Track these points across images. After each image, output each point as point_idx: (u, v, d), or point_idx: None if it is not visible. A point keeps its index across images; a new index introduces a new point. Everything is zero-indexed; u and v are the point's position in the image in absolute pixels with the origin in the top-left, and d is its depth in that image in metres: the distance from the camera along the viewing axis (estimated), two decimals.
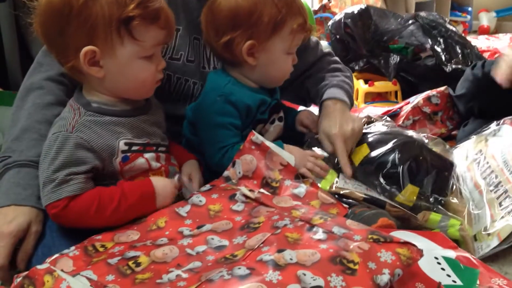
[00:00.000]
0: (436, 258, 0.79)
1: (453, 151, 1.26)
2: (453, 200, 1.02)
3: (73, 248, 0.76)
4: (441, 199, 1.00)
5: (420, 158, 1.03)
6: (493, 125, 1.25)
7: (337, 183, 0.97)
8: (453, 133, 1.65)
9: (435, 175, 1.02)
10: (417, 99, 1.68)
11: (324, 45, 1.98)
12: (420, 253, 0.71)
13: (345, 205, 0.92)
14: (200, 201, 0.87)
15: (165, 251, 0.74)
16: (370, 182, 1.01)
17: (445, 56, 2.03)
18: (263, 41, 0.98)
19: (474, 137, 1.27)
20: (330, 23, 2.25)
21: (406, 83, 2.05)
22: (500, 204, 1.00)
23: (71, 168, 0.79)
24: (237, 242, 0.76)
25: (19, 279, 0.69)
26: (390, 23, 2.20)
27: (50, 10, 0.79)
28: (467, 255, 0.83)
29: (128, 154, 0.85)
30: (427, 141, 1.16)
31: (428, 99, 1.66)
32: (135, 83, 0.85)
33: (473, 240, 0.96)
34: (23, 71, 1.97)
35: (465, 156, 1.22)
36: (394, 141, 1.05)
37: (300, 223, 0.76)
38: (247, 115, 1.01)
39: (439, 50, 2.04)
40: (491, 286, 0.76)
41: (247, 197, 0.87)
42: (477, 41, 2.66)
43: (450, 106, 1.67)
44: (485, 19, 3.80)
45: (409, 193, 0.99)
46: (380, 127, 1.17)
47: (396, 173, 1.00)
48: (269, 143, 0.95)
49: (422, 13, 2.21)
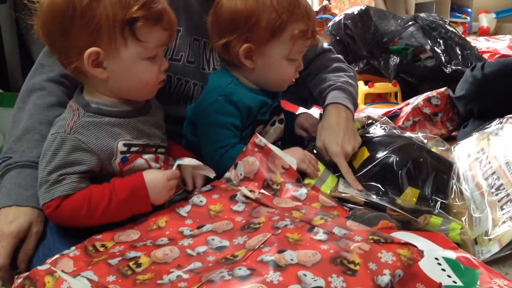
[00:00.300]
0: (436, 258, 0.79)
1: (455, 148, 1.26)
2: (454, 202, 1.02)
3: (73, 248, 0.76)
4: (441, 201, 1.00)
5: (419, 160, 1.02)
6: (496, 123, 1.24)
7: (338, 188, 0.97)
8: (453, 134, 1.65)
9: (435, 177, 1.02)
10: (417, 100, 1.68)
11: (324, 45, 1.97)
12: (420, 253, 0.71)
13: (346, 208, 0.92)
14: (200, 201, 0.87)
15: (166, 252, 0.74)
16: (370, 185, 1.00)
17: (445, 57, 2.03)
18: (261, 45, 0.97)
19: (476, 134, 1.26)
20: (330, 24, 2.26)
21: (406, 84, 2.05)
22: (501, 208, 1.00)
23: (67, 169, 0.79)
24: (238, 242, 0.76)
25: (19, 280, 0.69)
26: (390, 24, 2.20)
27: (52, 11, 0.79)
28: (468, 255, 0.83)
29: (127, 155, 0.84)
30: (426, 141, 1.15)
31: (428, 100, 1.66)
32: (139, 84, 0.85)
33: (473, 243, 0.96)
34: (23, 72, 1.97)
35: (467, 154, 1.21)
36: (393, 144, 1.04)
37: (300, 224, 0.76)
38: (247, 116, 1.01)
39: (439, 51, 2.04)
40: (492, 286, 0.76)
41: (247, 197, 0.87)
42: (477, 42, 2.66)
43: (450, 107, 1.67)
44: (484, 20, 3.81)
45: (409, 196, 0.98)
46: (379, 129, 1.17)
47: (395, 176, 0.99)
48: (272, 146, 0.95)
49: (422, 15, 2.21)
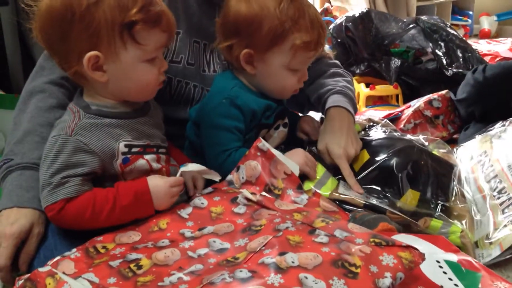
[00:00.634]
0: (438, 261, 0.79)
1: (457, 150, 1.25)
2: (455, 204, 1.01)
3: (74, 250, 0.76)
4: (442, 204, 1.00)
5: (420, 163, 1.02)
6: (498, 125, 1.24)
7: (338, 190, 0.97)
8: (454, 136, 1.65)
9: (435, 179, 1.01)
10: (418, 103, 1.68)
11: (325, 48, 1.98)
12: (422, 256, 0.71)
13: (347, 213, 0.91)
14: (202, 203, 0.87)
15: (167, 254, 0.74)
16: (370, 188, 1.00)
17: (446, 60, 2.03)
18: (261, 52, 0.97)
19: (479, 137, 1.26)
20: (331, 26, 2.26)
21: (407, 87, 2.05)
22: (503, 211, 0.99)
23: (69, 171, 0.79)
24: (239, 244, 0.76)
25: (21, 282, 0.69)
26: (391, 27, 2.20)
27: (51, 15, 0.79)
28: (469, 258, 0.82)
29: (128, 156, 0.84)
30: (427, 143, 1.15)
31: (429, 103, 1.66)
32: (139, 86, 0.85)
33: (474, 246, 0.96)
34: (25, 74, 1.97)
35: (470, 156, 1.20)
36: (393, 147, 1.04)
37: (302, 226, 0.76)
38: (251, 119, 1.01)
39: (440, 54, 2.04)
40: None
41: (249, 199, 0.87)
42: (478, 45, 2.66)
43: (451, 109, 1.67)
44: (486, 23, 3.81)
45: (410, 199, 0.98)
46: (380, 131, 1.16)
47: (395, 179, 0.99)
48: (275, 151, 0.94)
49: (423, 17, 2.21)
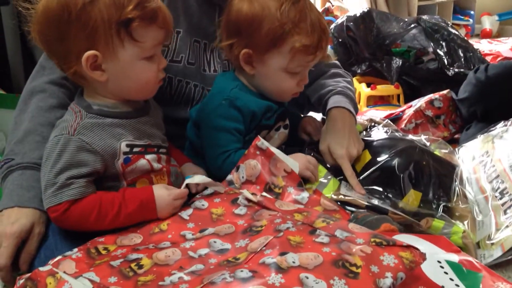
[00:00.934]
0: (439, 261, 0.79)
1: (459, 150, 1.25)
2: (457, 205, 1.01)
3: (76, 250, 0.76)
4: (444, 204, 0.99)
5: (422, 163, 1.02)
6: (500, 125, 1.24)
7: (340, 191, 0.97)
8: (456, 136, 1.65)
9: (437, 180, 1.01)
10: (419, 103, 1.68)
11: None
12: (423, 256, 0.71)
13: (348, 212, 0.91)
14: (202, 205, 0.87)
15: (168, 254, 0.74)
16: (372, 188, 1.00)
17: (447, 59, 2.03)
18: (260, 53, 0.97)
19: (481, 137, 1.26)
20: (332, 26, 2.26)
21: (408, 87, 2.05)
22: (505, 212, 0.99)
23: (73, 170, 0.79)
24: (240, 245, 0.76)
25: (21, 281, 0.69)
26: (392, 27, 2.20)
27: (48, 17, 0.79)
28: (470, 259, 0.82)
29: (129, 155, 0.85)
30: (429, 144, 1.15)
31: (430, 103, 1.66)
32: (139, 84, 0.85)
33: (476, 247, 0.96)
34: (26, 74, 1.98)
35: (472, 156, 1.20)
36: (395, 147, 1.04)
37: (302, 226, 0.76)
38: (251, 120, 1.00)
39: (442, 53, 2.04)
40: None
41: (249, 200, 0.87)
42: (479, 45, 2.66)
43: (452, 109, 1.67)
44: (487, 22, 3.80)
45: (411, 199, 0.98)
46: (382, 131, 1.16)
47: (397, 180, 0.99)
48: (274, 149, 0.94)
49: (424, 17, 2.21)
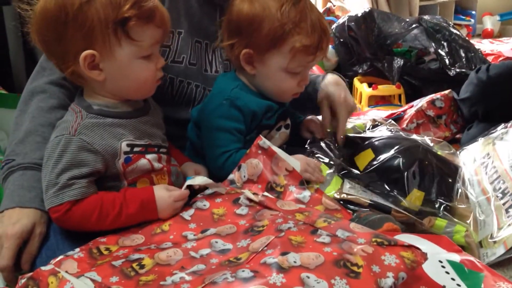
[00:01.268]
0: (440, 261, 0.79)
1: (461, 153, 1.25)
2: (459, 205, 1.01)
3: (77, 250, 0.76)
4: (446, 204, 0.99)
5: (425, 162, 1.02)
6: (501, 128, 1.24)
7: (343, 189, 0.97)
8: (457, 136, 1.65)
9: (440, 179, 1.01)
10: (421, 103, 1.68)
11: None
12: (424, 256, 0.71)
13: (349, 211, 0.91)
14: (204, 205, 0.87)
15: (169, 254, 0.74)
16: (375, 187, 1.00)
17: (449, 59, 2.03)
18: (260, 52, 0.97)
19: (482, 139, 1.26)
20: (333, 26, 2.26)
21: (409, 87, 2.05)
22: (507, 211, 0.99)
23: (74, 171, 0.79)
24: (241, 245, 0.76)
25: (23, 280, 0.69)
26: (393, 27, 2.20)
27: (45, 17, 0.79)
28: (472, 258, 0.82)
29: (130, 155, 0.85)
30: (432, 144, 1.15)
31: (432, 103, 1.66)
32: (137, 84, 0.85)
33: (478, 246, 0.96)
34: (27, 73, 1.98)
35: (473, 158, 1.20)
36: (399, 146, 1.04)
37: (304, 226, 0.76)
38: (252, 120, 1.00)
39: (443, 53, 2.04)
40: None
41: (251, 200, 0.87)
42: (481, 45, 2.65)
43: (454, 109, 1.67)
44: (488, 22, 3.80)
45: (414, 198, 0.98)
46: (384, 131, 1.16)
47: (401, 178, 0.99)
48: (275, 148, 0.94)
49: (426, 17, 2.21)
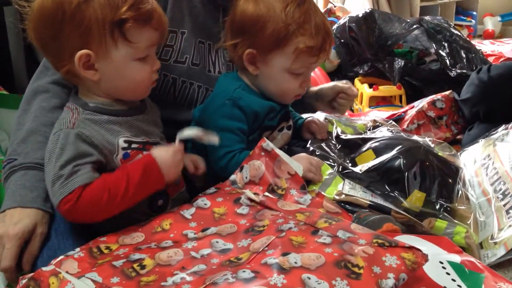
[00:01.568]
0: (441, 262, 0.79)
1: (461, 154, 1.25)
2: (459, 206, 1.01)
3: (78, 249, 0.76)
4: (447, 205, 0.99)
5: (426, 163, 1.02)
6: (501, 129, 1.25)
7: (343, 190, 0.97)
8: (458, 137, 1.65)
9: (441, 180, 1.01)
10: (421, 103, 1.68)
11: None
12: (425, 257, 0.71)
13: (350, 214, 0.91)
14: (205, 204, 0.87)
15: (170, 254, 0.74)
16: (375, 187, 1.00)
17: (449, 60, 2.03)
18: (264, 53, 0.97)
19: (482, 141, 1.26)
20: (334, 27, 2.26)
21: (410, 87, 2.05)
22: (507, 212, 1.00)
23: (77, 160, 0.79)
24: (242, 245, 0.76)
25: (24, 281, 0.70)
26: (394, 27, 2.20)
27: (43, 15, 0.79)
28: (472, 259, 0.82)
29: (128, 151, 0.85)
30: (433, 146, 1.15)
31: (433, 103, 1.66)
32: (131, 85, 0.85)
33: (479, 247, 0.96)
34: (28, 74, 1.98)
35: (473, 160, 1.21)
36: (399, 147, 1.04)
37: (305, 227, 0.76)
38: (254, 120, 1.00)
39: (444, 54, 2.04)
40: None
41: (252, 200, 0.87)
42: (482, 46, 2.65)
43: (455, 110, 1.67)
44: (490, 23, 3.80)
45: (415, 199, 0.98)
46: (385, 131, 1.16)
47: (402, 179, 0.99)
48: (279, 151, 0.94)
49: (426, 18, 2.21)
